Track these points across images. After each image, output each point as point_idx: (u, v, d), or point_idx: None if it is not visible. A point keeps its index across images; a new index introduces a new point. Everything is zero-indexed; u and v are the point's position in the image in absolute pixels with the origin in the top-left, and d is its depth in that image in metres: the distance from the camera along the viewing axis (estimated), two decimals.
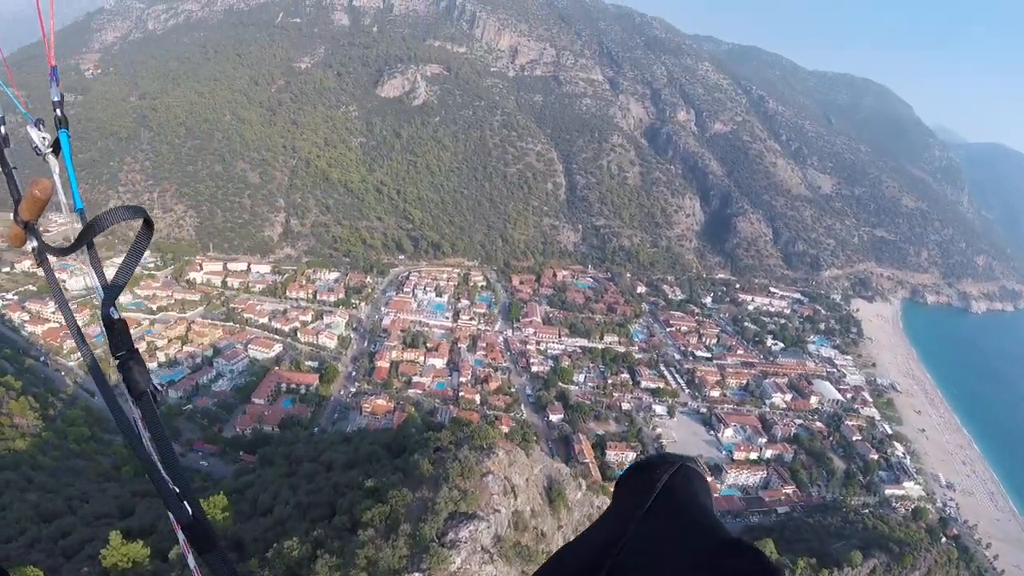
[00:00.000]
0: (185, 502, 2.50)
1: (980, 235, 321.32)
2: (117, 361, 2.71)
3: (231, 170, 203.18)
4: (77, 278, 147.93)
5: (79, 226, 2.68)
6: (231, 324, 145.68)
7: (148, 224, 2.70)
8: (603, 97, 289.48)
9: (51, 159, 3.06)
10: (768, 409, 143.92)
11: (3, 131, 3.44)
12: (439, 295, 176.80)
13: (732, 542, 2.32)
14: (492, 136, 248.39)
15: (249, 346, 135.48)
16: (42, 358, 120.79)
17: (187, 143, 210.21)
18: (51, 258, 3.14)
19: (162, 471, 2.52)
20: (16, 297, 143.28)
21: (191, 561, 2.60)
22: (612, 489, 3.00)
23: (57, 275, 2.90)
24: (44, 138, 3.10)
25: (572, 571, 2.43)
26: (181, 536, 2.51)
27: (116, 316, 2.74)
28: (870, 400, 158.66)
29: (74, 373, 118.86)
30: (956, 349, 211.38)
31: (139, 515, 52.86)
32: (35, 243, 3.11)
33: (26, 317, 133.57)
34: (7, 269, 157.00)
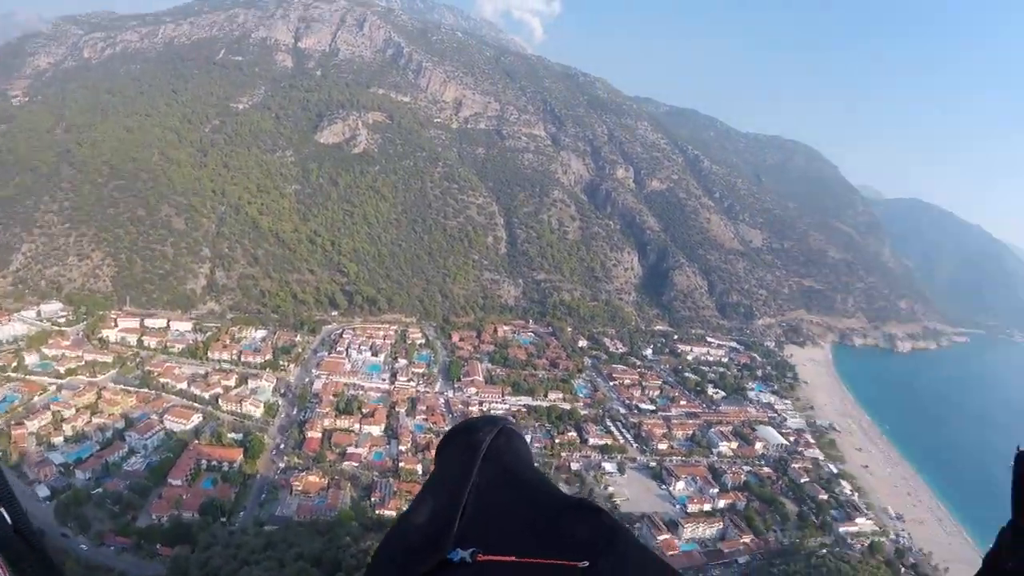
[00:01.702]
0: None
1: (901, 282, 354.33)
2: None
3: (155, 215, 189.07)
4: None
5: None
6: (146, 390, 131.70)
7: None
8: (545, 152, 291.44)
9: None
10: (716, 458, 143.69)
11: None
12: (375, 354, 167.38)
13: (574, 503, 2.37)
14: (433, 188, 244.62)
15: (165, 416, 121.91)
16: None
17: (110, 183, 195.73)
18: None
19: None
20: None
21: None
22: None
23: None
24: None
25: (420, 542, 2.37)
26: None
27: None
28: (812, 442, 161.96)
29: None
30: (887, 387, 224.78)
31: None
32: None
33: None
34: None
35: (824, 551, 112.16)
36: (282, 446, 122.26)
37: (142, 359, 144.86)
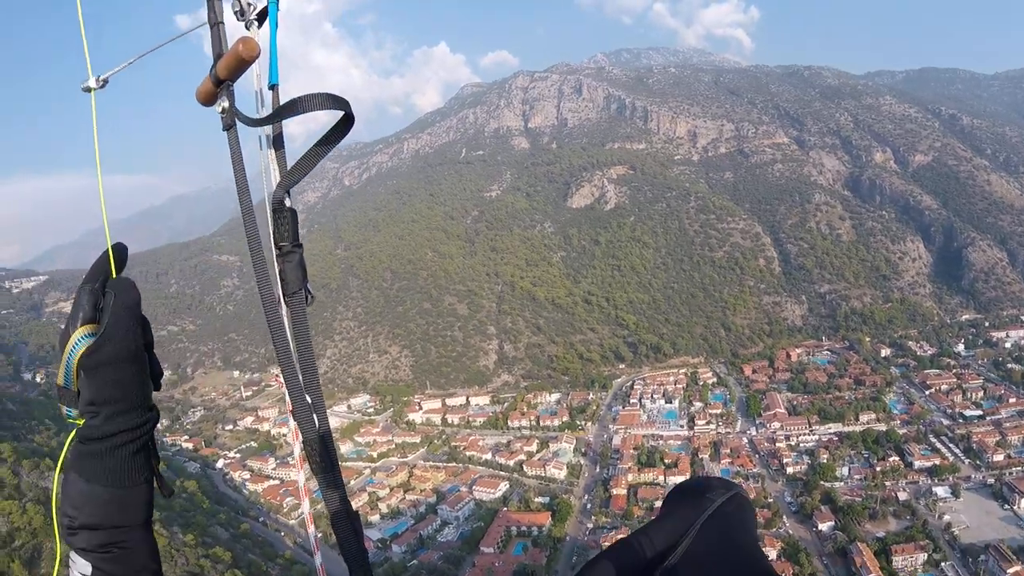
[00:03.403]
0: (315, 415, 2.47)
1: None
2: (278, 251, 2.56)
3: (439, 305, 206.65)
4: None
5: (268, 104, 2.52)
6: (454, 464, 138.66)
7: (348, 119, 2.42)
8: (793, 158, 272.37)
9: (254, 28, 2.68)
10: None
11: None
12: (668, 401, 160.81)
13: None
14: (691, 224, 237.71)
15: (473, 487, 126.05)
16: (261, 518, 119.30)
17: (394, 285, 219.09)
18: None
19: (300, 378, 2.47)
20: (238, 455, 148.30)
21: (301, 477, 2.58)
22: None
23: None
24: (250, 4, 2.69)
25: (629, 566, 2.44)
26: (297, 448, 2.47)
27: (288, 204, 2.62)
28: None
29: (294, 533, 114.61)
30: None
31: None
32: (225, 103, 2.69)
33: (247, 475, 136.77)
34: (230, 426, 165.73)
35: None
36: (588, 506, 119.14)
37: (447, 436, 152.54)
